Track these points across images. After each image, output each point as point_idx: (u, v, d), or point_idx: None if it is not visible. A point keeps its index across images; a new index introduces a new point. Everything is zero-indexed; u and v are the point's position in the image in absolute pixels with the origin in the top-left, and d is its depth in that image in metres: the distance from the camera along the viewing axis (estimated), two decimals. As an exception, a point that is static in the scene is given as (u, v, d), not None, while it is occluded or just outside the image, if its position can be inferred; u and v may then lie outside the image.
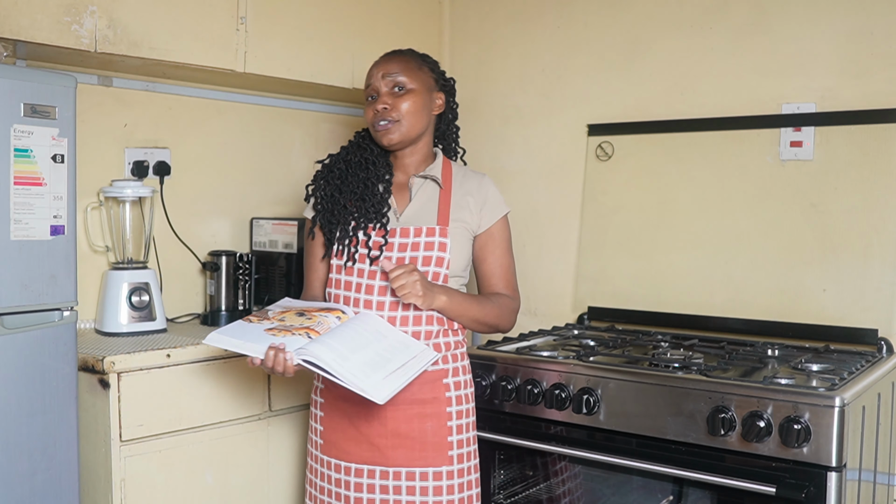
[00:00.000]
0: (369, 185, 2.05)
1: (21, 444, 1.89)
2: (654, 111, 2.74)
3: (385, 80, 2.03)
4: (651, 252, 2.71)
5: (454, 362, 2.05)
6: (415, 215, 2.06)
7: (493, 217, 2.10)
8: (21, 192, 1.86)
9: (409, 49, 2.14)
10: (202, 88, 2.80)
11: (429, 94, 2.08)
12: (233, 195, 2.92)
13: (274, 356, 1.80)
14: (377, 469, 2.00)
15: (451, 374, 2.04)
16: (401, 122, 2.02)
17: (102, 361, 2.07)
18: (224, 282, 2.69)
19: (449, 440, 2.01)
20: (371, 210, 2.03)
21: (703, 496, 2.03)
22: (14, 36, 2.04)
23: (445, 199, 2.07)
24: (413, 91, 2.04)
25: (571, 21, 2.92)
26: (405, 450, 1.98)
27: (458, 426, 2.03)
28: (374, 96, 2.05)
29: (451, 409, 2.02)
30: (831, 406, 1.81)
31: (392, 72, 2.04)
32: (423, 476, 1.98)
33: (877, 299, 2.34)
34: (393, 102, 2.02)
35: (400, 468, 1.99)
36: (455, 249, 2.03)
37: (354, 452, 2.02)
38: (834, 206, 2.41)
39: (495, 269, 2.11)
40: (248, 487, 2.38)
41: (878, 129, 2.37)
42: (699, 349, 2.38)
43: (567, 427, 2.16)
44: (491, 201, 2.10)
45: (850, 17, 2.42)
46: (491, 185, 2.13)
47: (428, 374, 1.98)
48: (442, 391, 2.02)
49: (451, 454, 2.01)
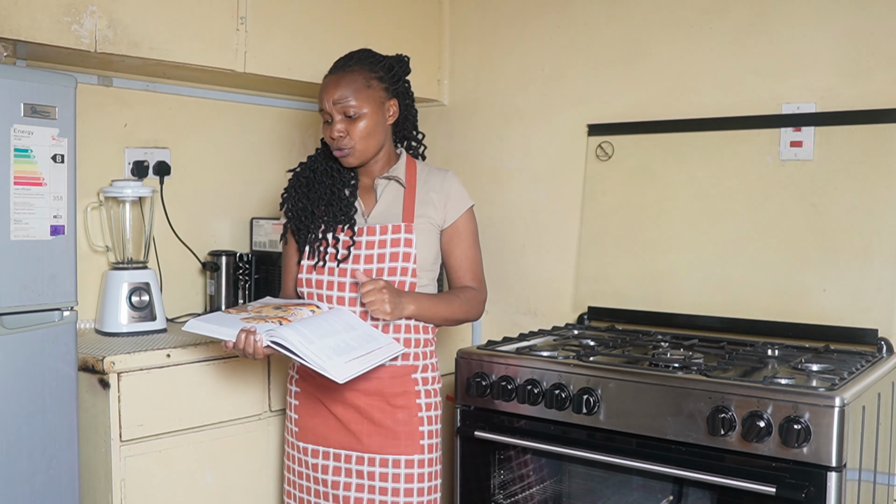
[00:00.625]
0: (335, 190, 2.15)
1: (21, 444, 1.89)
2: (654, 111, 2.74)
3: (336, 108, 2.08)
4: (651, 252, 2.71)
5: (424, 359, 2.14)
6: (381, 215, 2.15)
7: (457, 211, 2.17)
8: (21, 192, 1.86)
9: (355, 59, 2.13)
10: (202, 88, 2.80)
11: (380, 110, 2.11)
12: (233, 195, 2.92)
13: (245, 338, 1.92)
14: (354, 454, 2.10)
15: (421, 371, 2.13)
16: (354, 147, 2.09)
17: (102, 361, 2.07)
18: (224, 282, 2.69)
19: (420, 430, 2.10)
20: (339, 213, 2.13)
21: (703, 496, 2.03)
22: (14, 36, 2.05)
23: (410, 197, 2.15)
24: (363, 115, 2.08)
25: (571, 21, 2.92)
26: (380, 437, 2.09)
27: (428, 418, 2.13)
28: (328, 120, 2.10)
29: (420, 401, 2.12)
30: (831, 406, 1.81)
31: (341, 99, 2.07)
32: (396, 463, 2.08)
33: (877, 299, 2.34)
34: (346, 129, 2.08)
35: (375, 454, 2.09)
36: (421, 245, 2.11)
37: (333, 438, 2.12)
38: (834, 206, 2.41)
39: (462, 261, 2.19)
40: (248, 487, 2.38)
41: (878, 129, 2.37)
42: (699, 349, 2.38)
43: (567, 427, 2.16)
44: (454, 196, 2.18)
45: (850, 17, 2.42)
46: (454, 180, 2.20)
47: (398, 368, 2.09)
48: (412, 385, 2.11)
49: (421, 443, 2.10)
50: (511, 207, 3.05)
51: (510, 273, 3.05)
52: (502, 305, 3.08)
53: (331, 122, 2.09)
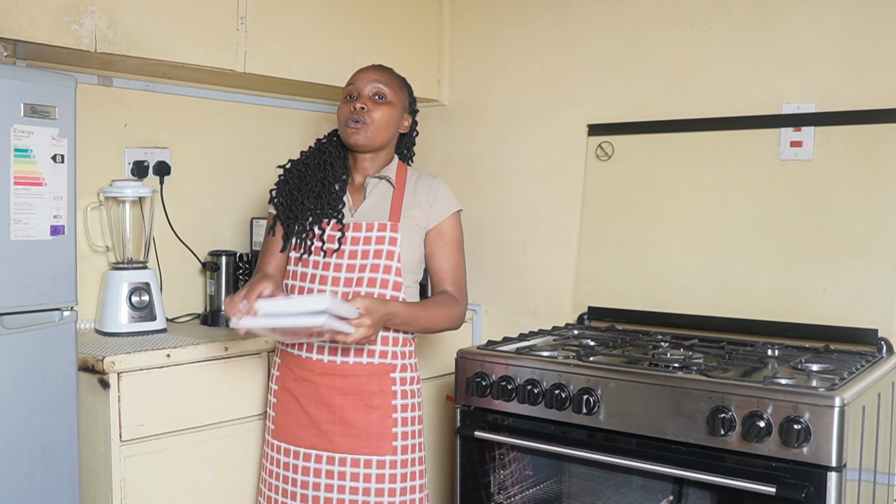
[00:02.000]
0: (326, 184, 2.18)
1: (21, 444, 1.89)
2: (654, 111, 2.74)
3: (369, 86, 2.16)
4: (651, 252, 2.71)
5: (403, 359, 2.15)
6: (368, 212, 2.17)
7: (442, 213, 2.19)
8: (21, 192, 1.86)
9: (389, 68, 2.26)
10: (202, 88, 2.80)
11: (401, 112, 2.22)
12: (233, 195, 2.92)
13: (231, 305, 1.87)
14: (324, 454, 2.11)
15: (399, 370, 2.14)
16: (370, 126, 2.13)
17: (102, 361, 2.07)
18: (224, 282, 2.69)
19: (393, 431, 2.11)
20: (327, 206, 2.15)
21: (703, 496, 2.03)
22: (14, 36, 2.05)
23: (398, 197, 2.18)
24: (390, 104, 2.17)
25: (571, 21, 2.92)
26: (351, 438, 2.09)
27: (404, 419, 2.13)
28: (353, 96, 2.16)
29: (396, 401, 2.12)
30: (831, 406, 1.81)
31: (379, 81, 2.17)
32: (367, 463, 2.09)
33: (877, 299, 2.34)
34: (370, 106, 2.14)
35: (346, 455, 2.09)
36: (406, 244, 2.13)
37: (304, 437, 2.12)
38: (834, 206, 2.41)
39: (444, 264, 2.20)
40: (248, 487, 2.38)
41: (878, 129, 2.37)
42: (699, 349, 2.38)
43: (567, 427, 2.16)
44: (441, 199, 2.20)
45: (850, 17, 2.42)
46: (443, 185, 2.23)
47: (375, 367, 2.10)
48: (388, 384, 2.12)
49: (395, 444, 2.10)
50: (511, 207, 3.05)
51: (510, 273, 3.05)
52: (502, 305, 3.08)
53: (354, 98, 2.15)
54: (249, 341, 2.35)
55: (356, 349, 2.10)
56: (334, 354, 2.10)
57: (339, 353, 2.10)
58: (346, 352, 2.10)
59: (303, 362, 2.13)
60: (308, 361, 2.12)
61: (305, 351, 2.13)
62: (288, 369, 2.17)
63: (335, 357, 2.10)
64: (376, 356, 2.11)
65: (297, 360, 2.14)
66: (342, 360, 2.10)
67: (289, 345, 2.17)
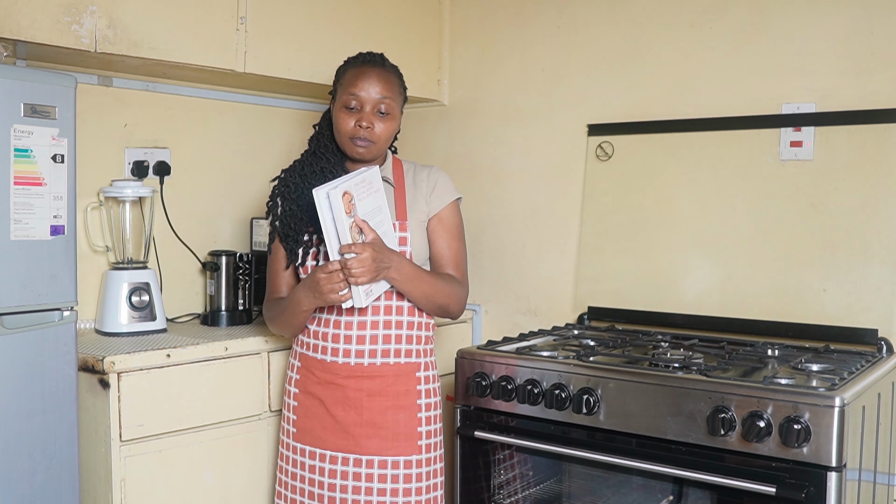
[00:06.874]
0: None
1: (21, 444, 1.89)
2: (654, 111, 2.74)
3: (374, 100, 2.09)
4: (651, 252, 2.71)
5: (425, 357, 2.17)
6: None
7: (441, 201, 2.19)
8: (21, 192, 1.86)
9: (388, 63, 2.18)
10: (202, 88, 2.80)
11: (400, 117, 2.19)
12: (233, 195, 2.92)
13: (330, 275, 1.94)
14: (351, 457, 2.10)
15: (423, 368, 2.16)
16: (376, 144, 2.11)
17: (102, 361, 2.07)
18: (224, 282, 2.69)
19: (418, 430, 2.12)
20: None
21: (703, 496, 2.03)
22: (14, 36, 2.05)
23: (401, 195, 2.17)
24: (392, 117, 2.14)
25: (571, 21, 2.92)
26: (378, 439, 2.09)
27: (427, 418, 2.15)
28: (355, 107, 2.09)
29: (420, 401, 2.14)
30: (831, 406, 1.81)
31: (384, 95, 2.10)
32: (395, 465, 2.09)
33: (877, 299, 2.34)
34: (375, 122, 2.09)
35: (372, 456, 2.10)
36: (415, 242, 2.14)
37: (329, 440, 2.12)
38: (834, 206, 2.41)
39: (444, 251, 2.19)
40: (248, 487, 2.38)
41: (878, 129, 2.37)
42: (699, 349, 2.38)
43: (567, 427, 2.17)
44: (440, 187, 2.20)
45: (850, 17, 2.42)
46: (440, 174, 2.23)
47: (402, 366, 2.12)
48: (414, 384, 2.13)
49: (419, 444, 2.12)
50: (511, 207, 3.05)
51: (510, 273, 3.05)
52: (502, 305, 3.08)
53: (358, 111, 2.09)
54: (249, 341, 2.35)
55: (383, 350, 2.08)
56: (361, 357, 2.10)
57: (367, 355, 2.09)
58: (372, 353, 2.09)
59: (327, 366, 2.12)
60: (334, 365, 2.11)
61: (331, 355, 2.12)
62: (310, 373, 2.15)
63: (362, 360, 2.10)
64: (402, 356, 2.11)
65: (320, 363, 2.13)
66: (369, 362, 2.10)
67: (311, 348, 2.15)
